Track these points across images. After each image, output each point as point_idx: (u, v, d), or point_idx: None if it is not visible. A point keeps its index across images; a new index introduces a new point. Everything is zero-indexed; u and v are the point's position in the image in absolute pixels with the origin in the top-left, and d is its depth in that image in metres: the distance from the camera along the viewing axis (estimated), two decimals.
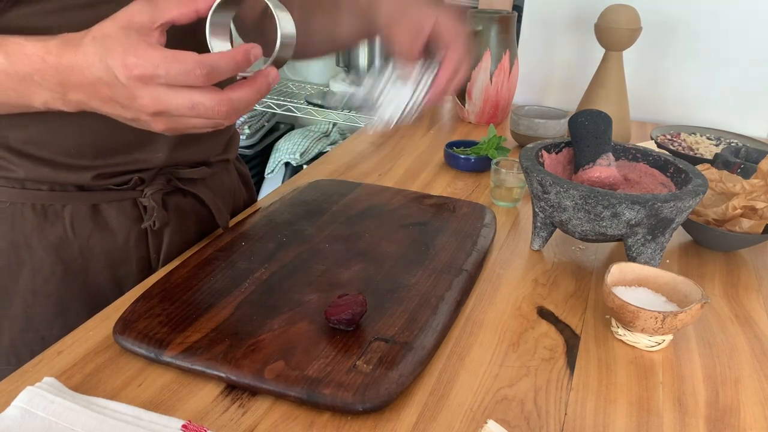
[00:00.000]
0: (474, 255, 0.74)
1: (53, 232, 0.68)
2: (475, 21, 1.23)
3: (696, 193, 0.69)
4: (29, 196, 0.67)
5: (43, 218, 0.68)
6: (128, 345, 0.57)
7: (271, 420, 0.51)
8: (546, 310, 0.68)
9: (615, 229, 0.70)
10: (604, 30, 1.11)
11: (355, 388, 0.52)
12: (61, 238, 0.69)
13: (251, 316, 0.61)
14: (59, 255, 0.69)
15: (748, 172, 0.92)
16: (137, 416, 0.49)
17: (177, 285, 0.65)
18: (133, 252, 0.73)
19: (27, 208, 0.67)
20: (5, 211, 0.67)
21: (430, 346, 0.58)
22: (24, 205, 0.67)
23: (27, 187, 0.67)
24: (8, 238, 0.68)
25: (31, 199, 0.67)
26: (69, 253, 0.69)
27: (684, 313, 0.59)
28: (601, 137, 0.80)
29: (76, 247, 0.70)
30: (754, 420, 0.55)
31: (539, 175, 0.72)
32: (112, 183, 0.70)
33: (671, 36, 1.31)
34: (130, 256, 0.73)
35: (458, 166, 1.05)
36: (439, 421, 0.52)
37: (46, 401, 0.48)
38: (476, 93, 1.26)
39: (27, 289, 0.69)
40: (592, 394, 0.56)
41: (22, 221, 0.67)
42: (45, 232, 0.68)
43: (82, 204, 0.69)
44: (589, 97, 1.16)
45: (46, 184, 0.67)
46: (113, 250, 0.72)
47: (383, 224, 0.80)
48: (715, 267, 0.80)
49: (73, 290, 0.71)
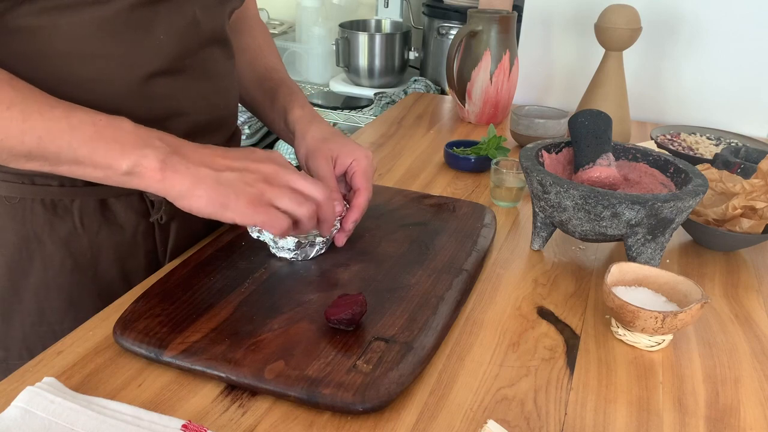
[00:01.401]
0: (474, 255, 0.74)
1: (63, 227, 0.69)
2: (475, 21, 1.23)
3: (696, 193, 0.69)
4: (39, 192, 0.68)
5: (52, 213, 0.69)
6: (128, 345, 0.57)
7: (271, 420, 0.51)
8: (546, 310, 0.68)
9: (615, 229, 0.70)
10: (604, 30, 1.11)
11: (355, 388, 0.52)
12: (71, 232, 0.70)
13: (251, 316, 0.61)
14: (69, 249, 0.70)
15: (748, 172, 0.92)
16: (137, 416, 0.49)
17: (177, 285, 0.65)
18: (141, 246, 0.75)
19: (37, 204, 0.68)
20: (16, 206, 0.68)
21: (430, 346, 0.58)
22: (34, 200, 0.68)
23: (37, 183, 0.68)
24: (19, 233, 0.69)
25: (41, 194, 0.68)
26: (78, 248, 0.70)
27: (684, 313, 0.59)
28: (601, 137, 0.80)
29: (86, 241, 0.71)
30: (754, 420, 0.55)
31: (539, 175, 0.72)
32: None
33: (671, 36, 1.31)
34: (138, 250, 0.75)
35: (458, 166, 1.05)
36: (439, 421, 0.52)
37: (46, 401, 0.48)
38: (476, 93, 1.26)
39: (38, 283, 0.70)
40: (592, 394, 0.56)
41: (32, 216, 0.68)
42: (55, 226, 0.69)
43: (90, 199, 0.70)
44: (589, 97, 1.16)
45: (56, 180, 0.68)
46: (121, 244, 0.73)
47: (383, 224, 0.80)
48: (715, 267, 0.80)
49: (83, 284, 0.72)
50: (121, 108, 0.67)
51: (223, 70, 0.77)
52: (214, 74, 0.75)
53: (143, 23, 0.64)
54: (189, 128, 0.73)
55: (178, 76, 0.70)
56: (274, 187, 0.61)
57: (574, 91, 1.27)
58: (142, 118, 0.69)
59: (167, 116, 0.71)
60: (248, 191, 0.60)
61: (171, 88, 0.69)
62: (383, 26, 2.24)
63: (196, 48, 0.70)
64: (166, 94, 0.69)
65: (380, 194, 0.89)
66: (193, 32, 0.69)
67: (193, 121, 0.74)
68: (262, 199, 0.60)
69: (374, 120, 1.31)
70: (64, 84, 0.64)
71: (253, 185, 0.60)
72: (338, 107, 2.06)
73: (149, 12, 0.64)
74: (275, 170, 0.62)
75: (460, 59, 1.27)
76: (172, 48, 0.67)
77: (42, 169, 0.58)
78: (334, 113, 2.05)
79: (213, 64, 0.74)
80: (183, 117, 0.72)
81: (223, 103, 0.79)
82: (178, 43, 0.68)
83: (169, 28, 0.66)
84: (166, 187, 0.58)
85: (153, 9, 0.64)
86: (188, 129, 0.73)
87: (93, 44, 0.63)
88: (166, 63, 0.67)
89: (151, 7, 0.64)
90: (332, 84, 2.23)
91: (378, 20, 2.24)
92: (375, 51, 2.09)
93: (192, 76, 0.71)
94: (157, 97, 0.69)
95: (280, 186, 0.61)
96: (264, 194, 0.60)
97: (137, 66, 0.66)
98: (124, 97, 0.67)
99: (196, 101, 0.73)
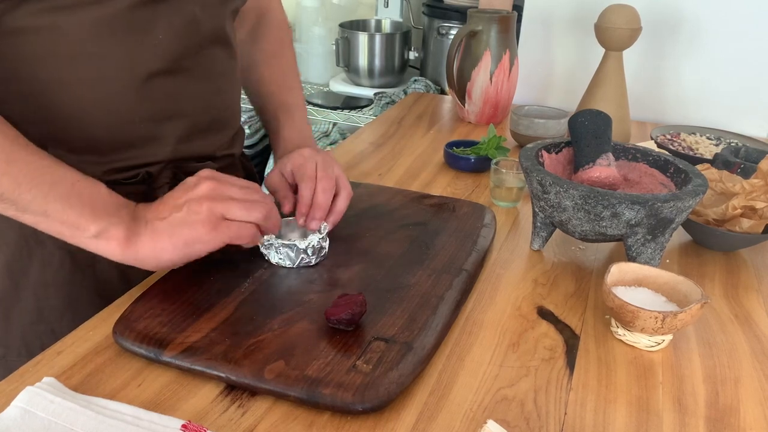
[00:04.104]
0: (474, 255, 0.74)
1: None
2: (475, 21, 1.23)
3: (696, 193, 0.69)
4: None
5: None
6: (128, 345, 0.57)
7: (270, 420, 0.51)
8: (546, 310, 0.68)
9: (615, 229, 0.70)
10: (604, 30, 1.11)
11: (355, 388, 0.52)
12: None
13: (251, 316, 0.61)
14: (68, 248, 0.70)
15: (748, 172, 0.92)
16: (137, 416, 0.49)
17: (177, 285, 0.65)
18: None
19: None
20: None
21: (429, 346, 0.58)
22: None
23: None
24: (18, 232, 0.69)
25: None
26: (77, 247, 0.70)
27: (684, 313, 0.59)
28: (601, 137, 0.80)
29: None
30: (754, 420, 0.55)
31: (539, 175, 0.72)
32: (121, 177, 0.71)
33: (671, 36, 1.31)
34: None
35: (458, 166, 1.05)
36: (439, 421, 0.52)
37: (45, 401, 0.48)
38: (476, 93, 1.26)
39: (37, 282, 0.70)
40: (592, 394, 0.56)
41: None
42: None
43: None
44: (589, 97, 1.16)
45: None
46: None
47: (383, 224, 0.80)
48: (715, 267, 0.80)
49: (81, 283, 0.72)
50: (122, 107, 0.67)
51: (224, 70, 0.77)
52: (215, 74, 0.75)
53: (142, 23, 0.64)
54: (189, 128, 0.73)
55: (179, 76, 0.70)
56: (219, 202, 0.62)
57: (574, 91, 1.26)
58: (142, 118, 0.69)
59: (168, 116, 0.71)
60: (199, 218, 0.61)
61: (171, 88, 0.69)
62: (383, 26, 2.24)
63: (197, 48, 0.70)
64: (166, 94, 0.69)
65: (380, 194, 0.89)
66: (192, 32, 0.69)
67: (194, 122, 0.74)
68: (214, 219, 0.61)
69: (374, 120, 1.31)
70: (64, 84, 0.64)
71: (200, 210, 0.61)
72: (338, 107, 2.06)
73: (148, 12, 0.64)
74: (211, 186, 0.62)
75: (460, 59, 1.27)
76: (171, 48, 0.67)
77: (5, 213, 0.59)
78: (334, 113, 2.05)
79: (214, 64, 0.74)
80: (184, 117, 0.72)
81: (225, 103, 0.79)
82: (178, 43, 0.68)
83: (169, 27, 0.66)
84: (129, 253, 0.60)
85: (152, 9, 0.64)
86: (189, 129, 0.73)
87: (92, 44, 0.63)
88: (166, 63, 0.67)
89: (150, 7, 0.64)
90: (332, 84, 2.23)
91: (378, 20, 2.24)
92: (375, 51, 2.09)
93: (192, 76, 0.71)
94: (157, 97, 0.69)
95: (223, 199, 0.62)
96: (213, 213, 0.61)
97: (137, 66, 0.66)
98: (125, 97, 0.67)
99: (196, 101, 0.73)
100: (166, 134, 0.71)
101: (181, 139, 0.73)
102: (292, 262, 0.70)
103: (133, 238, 0.60)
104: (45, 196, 0.58)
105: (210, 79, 0.74)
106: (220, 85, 0.76)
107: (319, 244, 0.70)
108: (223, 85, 0.77)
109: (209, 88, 0.75)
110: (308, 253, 0.70)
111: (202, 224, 0.61)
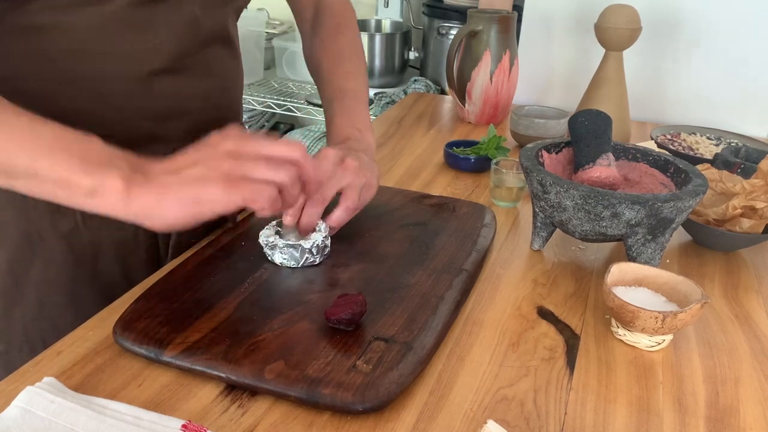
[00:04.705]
0: (474, 255, 0.74)
1: (65, 223, 0.70)
2: (475, 21, 1.23)
3: (696, 193, 0.69)
4: None
5: (54, 209, 0.69)
6: (128, 345, 0.57)
7: (270, 420, 0.51)
8: (546, 310, 0.68)
9: (615, 229, 0.70)
10: (604, 30, 1.11)
11: (355, 388, 0.52)
12: (73, 228, 0.70)
13: (251, 316, 0.61)
14: (70, 245, 0.70)
15: (748, 172, 0.92)
16: (137, 416, 0.49)
17: (177, 285, 0.65)
18: (142, 242, 0.75)
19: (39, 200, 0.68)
20: (18, 202, 0.68)
21: (429, 346, 0.58)
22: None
23: None
24: (21, 229, 0.69)
25: None
26: (79, 244, 0.71)
27: (684, 313, 0.59)
28: (601, 137, 0.80)
29: (87, 237, 0.71)
30: (754, 420, 0.55)
31: (539, 174, 0.72)
32: None
33: (671, 36, 1.31)
34: (139, 246, 0.75)
35: (458, 166, 1.05)
36: (439, 421, 0.52)
37: (46, 401, 0.48)
38: (476, 93, 1.26)
39: (40, 278, 0.71)
40: (592, 394, 0.56)
41: (35, 212, 0.69)
42: (57, 223, 0.69)
43: None
44: (589, 97, 1.16)
45: None
46: (122, 241, 0.73)
47: (383, 224, 0.80)
48: (715, 267, 0.80)
49: (84, 280, 0.72)
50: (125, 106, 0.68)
51: (226, 69, 0.77)
52: (217, 73, 0.75)
53: (143, 22, 0.64)
54: (191, 127, 0.73)
55: (180, 75, 0.70)
56: (243, 160, 0.55)
57: (574, 91, 1.26)
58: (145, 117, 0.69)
59: (170, 115, 0.71)
60: (217, 174, 0.54)
61: (173, 87, 0.70)
62: (383, 26, 2.24)
63: (197, 47, 0.71)
64: (168, 92, 0.69)
65: (380, 194, 0.89)
66: (193, 31, 0.69)
67: (196, 121, 0.74)
68: (234, 177, 0.54)
69: (374, 120, 1.31)
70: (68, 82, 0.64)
71: (220, 167, 0.54)
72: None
73: (148, 11, 0.64)
74: (237, 144, 0.55)
75: (460, 59, 1.27)
76: (172, 47, 0.67)
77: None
78: None
79: (215, 64, 0.74)
80: (185, 116, 0.72)
81: (227, 102, 0.79)
82: (178, 42, 0.68)
83: (169, 26, 0.66)
84: (132, 207, 0.53)
85: (152, 8, 0.64)
86: (190, 128, 0.73)
87: (95, 42, 0.63)
88: (166, 61, 0.67)
89: (150, 6, 0.64)
90: None
91: (378, 20, 2.24)
92: (375, 51, 2.09)
93: (194, 75, 0.71)
94: (159, 96, 0.69)
95: (249, 157, 0.55)
96: (235, 171, 0.54)
97: (139, 64, 0.66)
98: (127, 95, 0.67)
99: (198, 100, 0.73)
100: (168, 132, 0.71)
101: (183, 137, 0.73)
102: (297, 262, 0.69)
103: (135, 189, 0.53)
104: (32, 154, 0.52)
105: (212, 78, 0.74)
106: (222, 84, 0.76)
107: (323, 242, 0.70)
108: (225, 85, 0.77)
109: (211, 87, 0.75)
110: (313, 253, 0.70)
111: (219, 181, 0.53)
